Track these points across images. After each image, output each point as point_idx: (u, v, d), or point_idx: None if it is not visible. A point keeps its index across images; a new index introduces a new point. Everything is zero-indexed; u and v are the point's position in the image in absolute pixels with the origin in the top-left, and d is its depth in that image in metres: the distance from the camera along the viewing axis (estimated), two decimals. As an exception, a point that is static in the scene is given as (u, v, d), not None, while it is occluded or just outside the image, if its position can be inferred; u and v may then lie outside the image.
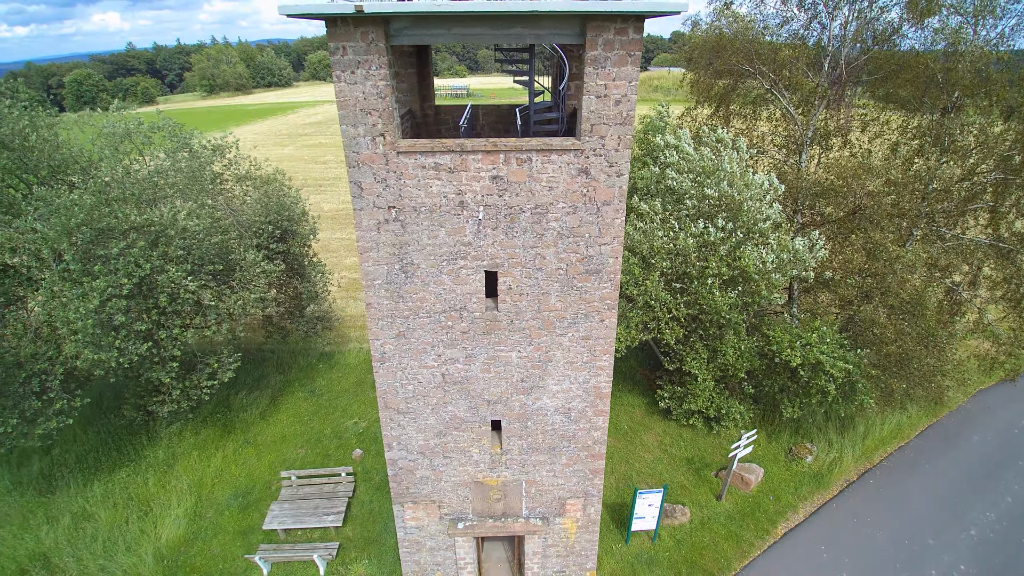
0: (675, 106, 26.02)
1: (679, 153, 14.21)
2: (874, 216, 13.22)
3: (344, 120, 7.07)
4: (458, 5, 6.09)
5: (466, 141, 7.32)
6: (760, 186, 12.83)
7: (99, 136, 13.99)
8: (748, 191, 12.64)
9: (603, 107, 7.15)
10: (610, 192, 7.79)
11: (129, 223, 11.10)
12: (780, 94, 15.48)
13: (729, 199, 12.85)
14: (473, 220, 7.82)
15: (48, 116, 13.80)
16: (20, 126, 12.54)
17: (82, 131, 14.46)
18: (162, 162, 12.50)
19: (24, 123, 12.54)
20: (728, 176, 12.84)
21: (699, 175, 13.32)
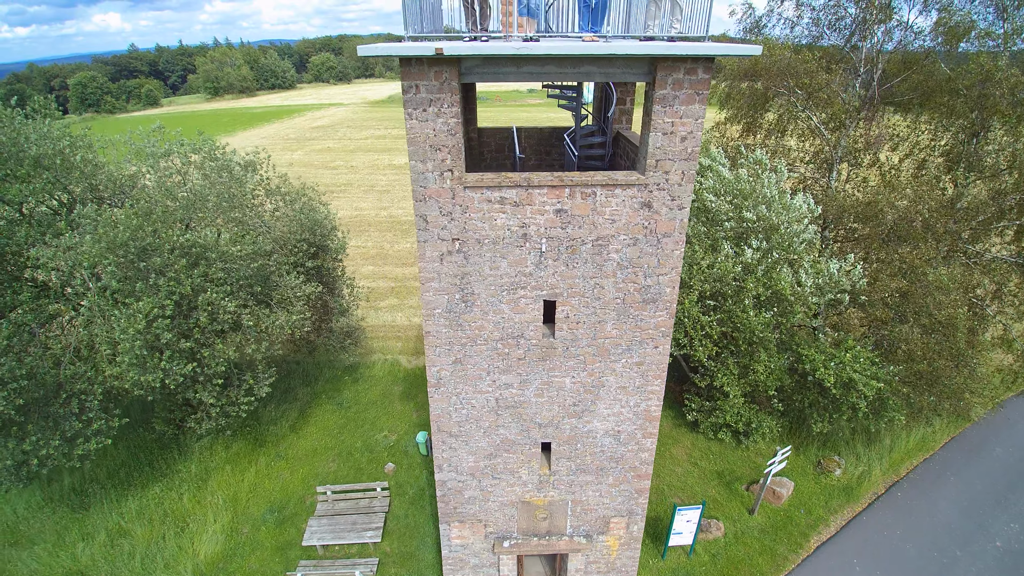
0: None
1: (715, 175, 14.31)
2: (906, 234, 13.31)
3: (414, 156, 7.17)
4: (540, 48, 6.19)
5: (532, 176, 7.42)
6: (798, 209, 12.94)
7: (137, 154, 14.04)
8: (787, 214, 12.74)
9: (668, 143, 7.25)
10: (671, 224, 7.89)
11: (171, 243, 11.19)
12: (811, 113, 15.57)
13: (767, 221, 12.96)
14: (535, 252, 7.92)
15: (85, 131, 13.87)
16: (60, 146, 12.61)
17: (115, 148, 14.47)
18: (202, 185, 12.55)
19: (64, 143, 12.62)
20: (767, 200, 12.94)
21: (736, 197, 13.43)
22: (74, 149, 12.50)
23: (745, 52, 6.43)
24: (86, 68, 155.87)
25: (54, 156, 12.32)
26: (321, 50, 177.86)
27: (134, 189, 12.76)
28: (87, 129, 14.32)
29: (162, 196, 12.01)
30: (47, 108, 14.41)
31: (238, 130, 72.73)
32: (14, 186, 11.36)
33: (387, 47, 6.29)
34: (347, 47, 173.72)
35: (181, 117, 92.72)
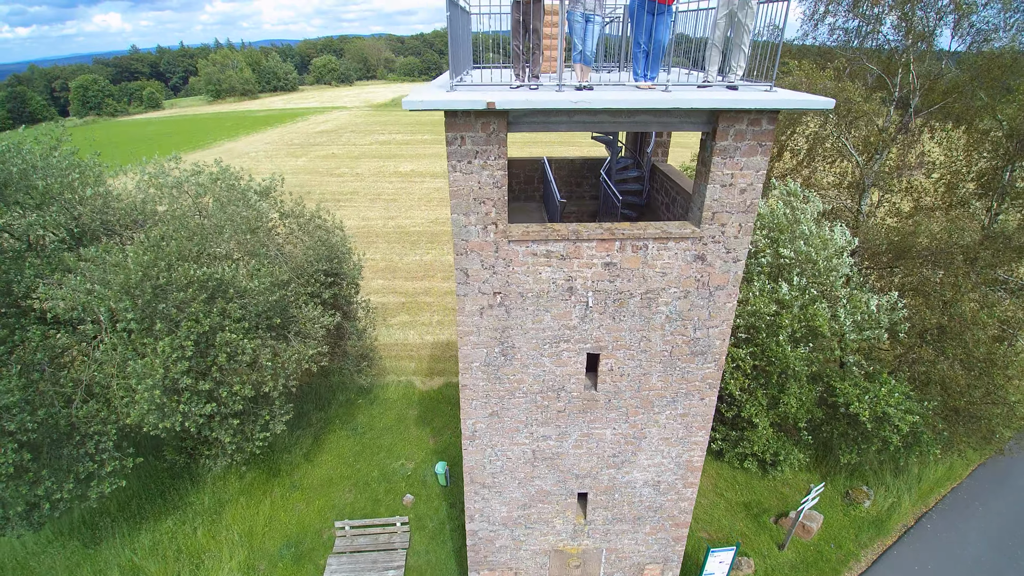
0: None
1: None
2: (945, 265, 12.89)
3: (456, 209, 6.75)
4: (599, 100, 5.77)
5: (581, 228, 7.00)
6: (835, 242, 12.50)
7: (149, 183, 13.55)
8: (825, 250, 12.31)
9: (727, 195, 6.82)
10: (725, 277, 7.47)
11: (188, 278, 10.77)
12: (844, 136, 15.13)
13: (804, 256, 12.53)
14: (581, 305, 7.50)
15: (95, 163, 13.38)
16: (68, 179, 12.10)
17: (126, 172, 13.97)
18: (219, 217, 12.08)
19: (74, 176, 12.13)
20: (804, 235, 12.50)
21: (772, 231, 13.00)
22: (84, 180, 12.01)
23: (819, 106, 6.00)
24: (87, 69, 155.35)
25: (62, 190, 11.85)
26: (323, 51, 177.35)
27: (147, 221, 12.30)
28: (96, 155, 13.83)
29: (177, 231, 11.54)
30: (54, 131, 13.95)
31: (241, 135, 72.32)
32: (22, 219, 10.93)
33: (433, 98, 5.86)
34: (349, 48, 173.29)
35: (183, 121, 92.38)
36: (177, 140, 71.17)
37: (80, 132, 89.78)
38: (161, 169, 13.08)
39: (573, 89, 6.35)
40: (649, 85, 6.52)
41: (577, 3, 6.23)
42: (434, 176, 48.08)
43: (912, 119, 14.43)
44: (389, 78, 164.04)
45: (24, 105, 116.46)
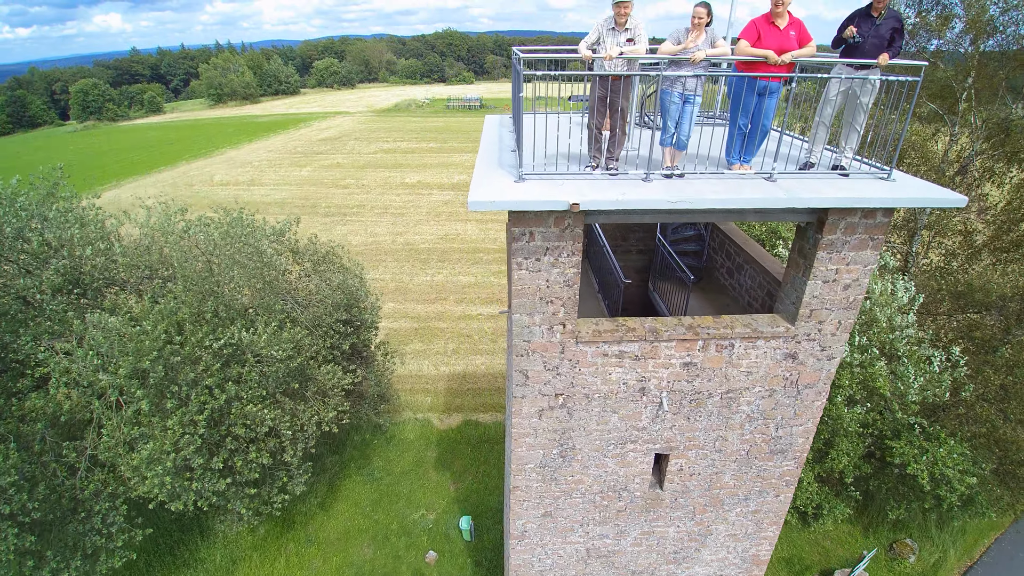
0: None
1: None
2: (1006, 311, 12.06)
3: (519, 308, 5.88)
4: (703, 200, 4.93)
5: (660, 326, 6.13)
6: (899, 299, 11.67)
7: (156, 229, 12.58)
8: (888, 307, 11.48)
9: (828, 292, 5.97)
10: (816, 376, 6.61)
11: (203, 348, 9.90)
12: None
13: (867, 315, 11.69)
14: (653, 406, 6.63)
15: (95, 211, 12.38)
16: (68, 235, 11.12)
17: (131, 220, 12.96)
18: (235, 275, 11.14)
19: (74, 231, 11.14)
20: (868, 292, 11.67)
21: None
22: (84, 236, 11.01)
23: (953, 203, 5.14)
24: (87, 72, 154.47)
25: (60, 246, 10.91)
26: (324, 52, 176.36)
27: (155, 276, 11.37)
28: (97, 208, 12.91)
29: (188, 291, 10.61)
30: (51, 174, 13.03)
31: (243, 142, 71.38)
32: (18, 280, 10.04)
33: (503, 198, 5.00)
34: (350, 50, 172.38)
35: (184, 126, 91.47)
36: (179, 148, 70.29)
37: (81, 138, 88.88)
38: (167, 218, 12.09)
39: (661, 177, 5.49)
40: (743, 167, 5.67)
41: (675, 83, 5.37)
42: (441, 188, 47.21)
43: (973, 160, 13.59)
44: (391, 81, 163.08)
45: (24, 109, 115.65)
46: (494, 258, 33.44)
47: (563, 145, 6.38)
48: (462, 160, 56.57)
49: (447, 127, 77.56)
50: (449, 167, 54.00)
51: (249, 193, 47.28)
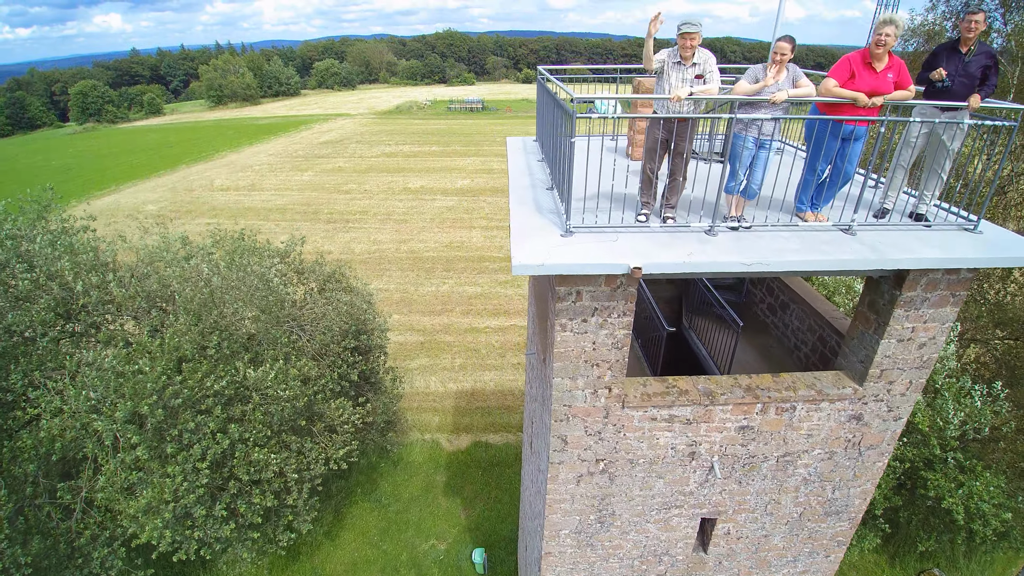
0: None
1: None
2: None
3: (560, 372, 5.29)
4: (786, 263, 4.35)
5: (715, 388, 5.54)
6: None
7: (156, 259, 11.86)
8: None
9: (902, 351, 5.38)
10: (880, 437, 6.03)
11: (205, 390, 9.30)
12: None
13: None
14: (703, 470, 6.05)
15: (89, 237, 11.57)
16: (57, 268, 10.32)
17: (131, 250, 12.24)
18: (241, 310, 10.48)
19: (64, 263, 10.29)
20: None
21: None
22: (75, 267, 10.20)
23: (1060, 264, 4.55)
24: (87, 73, 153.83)
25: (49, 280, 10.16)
26: (324, 53, 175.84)
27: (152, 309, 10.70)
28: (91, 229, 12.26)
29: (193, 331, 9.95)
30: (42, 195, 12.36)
31: (244, 145, 70.77)
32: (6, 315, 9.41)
33: (552, 261, 4.40)
34: (350, 51, 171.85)
35: (184, 129, 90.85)
36: (178, 151, 69.70)
37: (80, 140, 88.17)
38: (165, 244, 11.41)
39: (727, 228, 4.90)
40: (815, 216, 5.08)
41: (750, 126, 4.78)
42: (445, 193, 46.63)
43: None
44: (392, 82, 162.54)
45: (23, 111, 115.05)
46: (500, 267, 32.85)
47: (598, 174, 5.72)
48: (465, 164, 56.02)
49: (449, 130, 77.00)
50: (452, 171, 53.41)
51: (249, 199, 46.70)
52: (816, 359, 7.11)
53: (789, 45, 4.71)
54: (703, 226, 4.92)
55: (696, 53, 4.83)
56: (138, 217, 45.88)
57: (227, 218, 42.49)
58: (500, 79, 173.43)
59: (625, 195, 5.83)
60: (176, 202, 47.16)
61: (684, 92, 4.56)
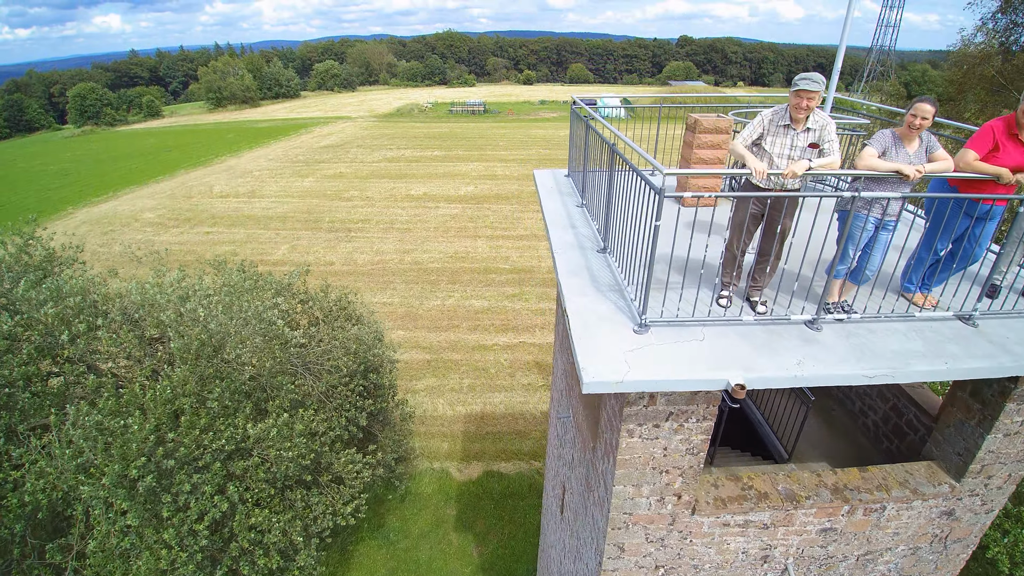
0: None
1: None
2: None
3: (624, 479, 4.57)
4: (913, 373, 3.63)
5: (798, 490, 4.85)
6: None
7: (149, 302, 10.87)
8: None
9: (1007, 445, 4.71)
10: (969, 530, 5.34)
11: (203, 447, 8.57)
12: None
13: None
14: (774, 572, 5.34)
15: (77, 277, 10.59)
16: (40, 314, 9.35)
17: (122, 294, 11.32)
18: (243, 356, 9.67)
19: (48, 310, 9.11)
20: None
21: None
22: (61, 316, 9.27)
23: None
24: (86, 74, 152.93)
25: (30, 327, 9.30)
26: (324, 54, 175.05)
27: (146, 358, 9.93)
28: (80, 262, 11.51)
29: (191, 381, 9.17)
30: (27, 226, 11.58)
31: (243, 149, 69.99)
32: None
33: (636, 377, 3.69)
34: (350, 52, 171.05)
35: (183, 132, 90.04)
36: (177, 155, 68.91)
37: (78, 144, 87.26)
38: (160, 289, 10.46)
39: (831, 319, 4.18)
40: (931, 301, 4.37)
41: (873, 205, 4.04)
42: (448, 201, 45.91)
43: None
44: (392, 83, 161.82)
45: (21, 113, 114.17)
46: (506, 279, 32.15)
47: (648, 227, 4.99)
48: (468, 170, 55.30)
49: (451, 133, 76.28)
50: (455, 177, 52.69)
51: (249, 206, 45.93)
52: (888, 430, 6.41)
53: (932, 109, 3.95)
54: (803, 317, 4.19)
55: (811, 116, 4.06)
56: (135, 225, 45.21)
57: (226, 226, 41.78)
58: (500, 80, 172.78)
59: (688, 259, 5.08)
60: (175, 209, 46.39)
61: (801, 168, 3.79)
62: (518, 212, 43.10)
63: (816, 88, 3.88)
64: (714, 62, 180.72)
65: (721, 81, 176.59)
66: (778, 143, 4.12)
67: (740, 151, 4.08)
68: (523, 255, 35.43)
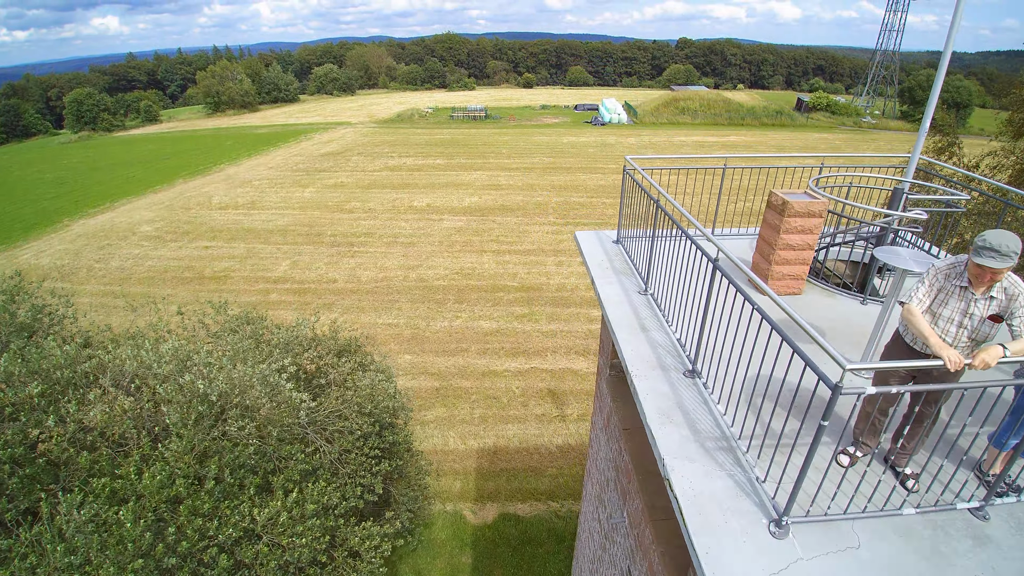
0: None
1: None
2: None
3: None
4: None
5: None
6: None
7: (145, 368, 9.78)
8: None
9: None
10: None
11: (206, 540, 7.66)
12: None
13: None
14: None
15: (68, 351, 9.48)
16: (25, 392, 8.20)
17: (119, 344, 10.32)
18: (249, 429, 8.77)
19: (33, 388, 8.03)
20: None
21: None
22: (51, 403, 8.20)
23: None
24: (83, 78, 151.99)
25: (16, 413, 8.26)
26: (323, 57, 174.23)
27: (142, 440, 8.96)
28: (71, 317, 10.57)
29: (189, 461, 8.25)
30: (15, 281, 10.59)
31: (242, 157, 69.03)
32: None
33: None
34: (349, 56, 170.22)
35: (182, 138, 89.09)
36: (175, 163, 67.98)
37: (75, 150, 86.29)
38: (157, 357, 9.45)
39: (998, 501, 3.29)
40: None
41: None
42: (452, 212, 45.02)
43: None
44: (392, 86, 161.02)
45: (18, 119, 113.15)
46: (514, 298, 31.27)
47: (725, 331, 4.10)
48: (472, 179, 54.44)
49: (453, 140, 75.41)
50: (459, 187, 51.82)
51: (249, 219, 45.00)
52: None
53: (1018, 248, 3.06)
54: (969, 504, 3.29)
55: (998, 284, 3.16)
56: (132, 239, 44.22)
57: (226, 240, 40.85)
58: (501, 84, 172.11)
59: (796, 387, 4.19)
60: (173, 222, 45.45)
61: (994, 357, 2.88)
62: (524, 225, 42.23)
63: (1007, 265, 2.99)
64: (713, 64, 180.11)
65: (721, 83, 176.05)
66: (950, 306, 3.24)
67: (920, 326, 3.17)
68: (530, 271, 34.56)
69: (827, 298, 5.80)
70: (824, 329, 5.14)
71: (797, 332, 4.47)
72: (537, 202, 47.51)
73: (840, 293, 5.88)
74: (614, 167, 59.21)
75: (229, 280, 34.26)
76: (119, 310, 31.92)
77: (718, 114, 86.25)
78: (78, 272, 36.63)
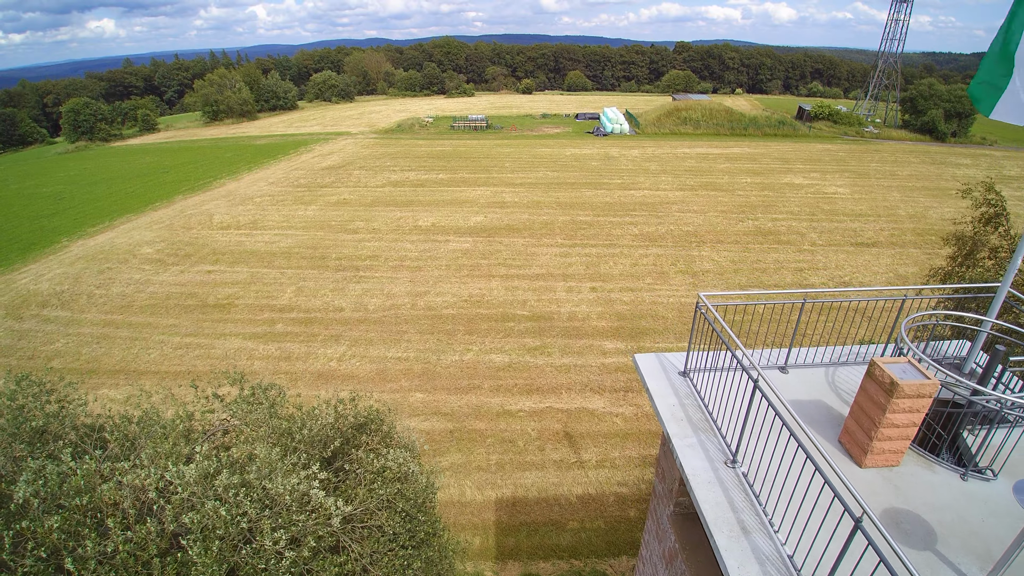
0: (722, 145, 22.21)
1: None
2: None
3: None
4: None
5: None
6: None
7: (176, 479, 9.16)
8: None
9: None
10: None
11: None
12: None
13: None
14: None
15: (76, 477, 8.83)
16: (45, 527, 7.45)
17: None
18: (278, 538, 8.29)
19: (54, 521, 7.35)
20: None
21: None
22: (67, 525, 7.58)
23: None
24: (79, 84, 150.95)
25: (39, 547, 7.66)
26: (320, 62, 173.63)
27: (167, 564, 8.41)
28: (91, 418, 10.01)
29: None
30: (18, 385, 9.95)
31: (242, 171, 68.33)
32: None
33: None
34: (347, 61, 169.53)
35: (180, 149, 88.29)
36: (175, 177, 67.25)
37: (72, 161, 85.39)
38: (173, 455, 8.92)
39: None
40: None
41: None
42: (458, 233, 44.50)
43: None
44: (390, 92, 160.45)
45: (13, 127, 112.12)
46: (525, 328, 30.76)
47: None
48: (475, 196, 53.93)
49: (455, 152, 74.91)
50: (463, 205, 51.31)
51: (252, 240, 44.38)
52: None
53: None
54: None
55: None
56: (133, 262, 43.50)
57: (228, 264, 40.23)
58: (499, 89, 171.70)
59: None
60: (174, 243, 44.79)
61: None
62: (531, 247, 41.74)
63: None
64: (711, 68, 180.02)
65: (719, 88, 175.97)
66: None
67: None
68: (540, 298, 34.06)
69: (926, 472, 5.31)
70: (933, 528, 4.65)
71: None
72: (543, 221, 47.01)
73: (938, 463, 5.39)
74: (619, 182, 58.76)
75: (234, 308, 33.64)
76: (121, 341, 31.29)
77: (720, 124, 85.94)
78: (78, 299, 35.95)
